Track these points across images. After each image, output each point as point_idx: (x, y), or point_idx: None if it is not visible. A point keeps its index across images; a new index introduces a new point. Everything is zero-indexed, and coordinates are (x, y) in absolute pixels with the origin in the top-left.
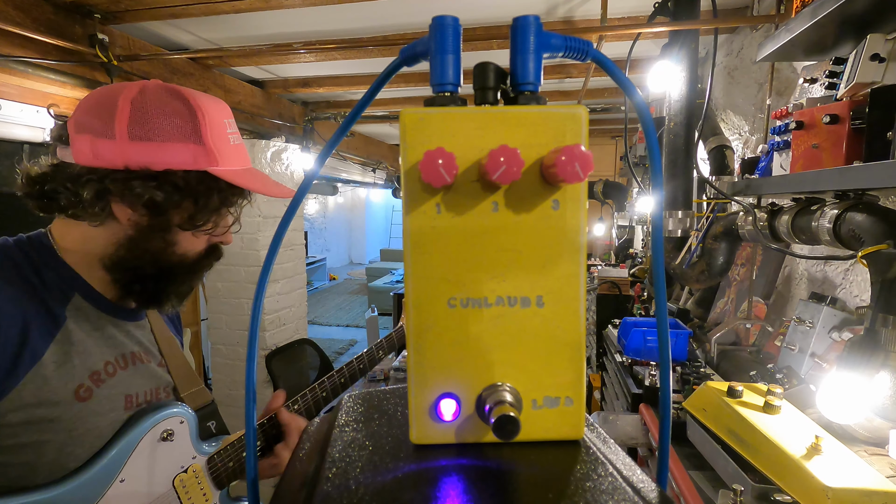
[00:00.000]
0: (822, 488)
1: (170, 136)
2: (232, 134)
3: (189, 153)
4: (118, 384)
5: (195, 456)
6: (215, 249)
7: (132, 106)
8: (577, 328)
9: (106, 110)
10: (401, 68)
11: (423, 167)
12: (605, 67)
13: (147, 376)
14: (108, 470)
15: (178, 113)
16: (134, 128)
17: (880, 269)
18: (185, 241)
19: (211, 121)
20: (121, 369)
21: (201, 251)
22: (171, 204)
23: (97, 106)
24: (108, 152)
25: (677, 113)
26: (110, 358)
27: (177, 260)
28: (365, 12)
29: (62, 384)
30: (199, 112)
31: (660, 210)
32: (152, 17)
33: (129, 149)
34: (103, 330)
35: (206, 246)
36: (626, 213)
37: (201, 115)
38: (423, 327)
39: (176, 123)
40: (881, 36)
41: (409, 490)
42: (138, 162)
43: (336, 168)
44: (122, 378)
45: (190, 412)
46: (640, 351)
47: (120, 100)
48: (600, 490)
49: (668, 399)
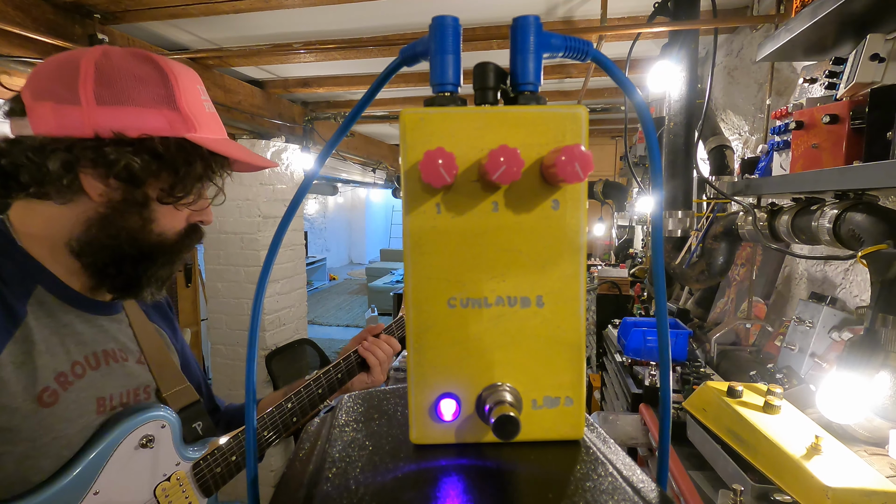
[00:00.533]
0: (821, 488)
1: (142, 101)
2: (206, 101)
3: (164, 119)
4: (89, 386)
5: (179, 462)
6: (195, 229)
7: (96, 69)
8: (577, 328)
9: (68, 74)
10: (401, 68)
11: (423, 167)
12: (604, 67)
13: (122, 376)
14: (80, 482)
15: (148, 77)
16: (101, 91)
17: (880, 269)
18: (164, 217)
19: (184, 86)
20: (91, 369)
21: (181, 230)
22: (148, 174)
23: (57, 71)
24: (73, 119)
25: (677, 113)
26: (79, 357)
27: (155, 240)
28: (365, 12)
29: (22, 388)
30: (171, 76)
31: (660, 210)
32: (152, 17)
33: (97, 114)
34: (71, 326)
35: (186, 225)
36: (626, 213)
37: (174, 79)
38: (423, 327)
39: (147, 87)
40: (881, 36)
41: (408, 490)
42: (110, 128)
43: (336, 168)
44: (94, 379)
45: (172, 415)
46: (640, 351)
47: (82, 63)
48: (600, 490)
49: (668, 399)
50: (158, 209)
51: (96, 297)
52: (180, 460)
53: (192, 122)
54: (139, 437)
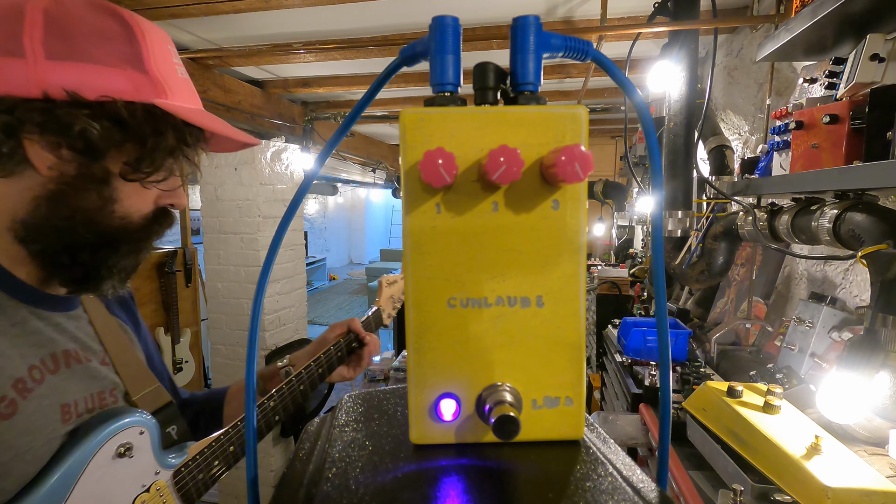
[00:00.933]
0: (821, 488)
1: (102, 58)
2: (178, 65)
3: (128, 81)
4: (50, 392)
5: (158, 471)
6: (165, 214)
7: (45, 16)
8: (576, 328)
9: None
10: (400, 68)
11: (423, 167)
12: (604, 67)
13: (86, 378)
14: (50, 499)
15: (110, 30)
16: (52, 43)
17: (880, 269)
18: (129, 197)
19: (153, 44)
20: (50, 373)
21: (148, 214)
22: (110, 143)
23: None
24: (16, 75)
25: (677, 113)
26: (35, 360)
27: (118, 223)
28: (365, 12)
29: None
30: (137, 31)
31: (660, 210)
32: (152, 17)
33: (46, 70)
34: (24, 325)
35: (154, 207)
36: (625, 213)
37: (141, 36)
38: (424, 327)
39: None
40: (881, 36)
41: (408, 490)
42: (62, 86)
43: (336, 168)
44: (55, 384)
45: (151, 420)
46: (640, 351)
47: (28, 8)
48: (600, 490)
49: (668, 399)
50: (121, 187)
51: (50, 291)
52: (160, 468)
53: (163, 87)
54: (116, 445)
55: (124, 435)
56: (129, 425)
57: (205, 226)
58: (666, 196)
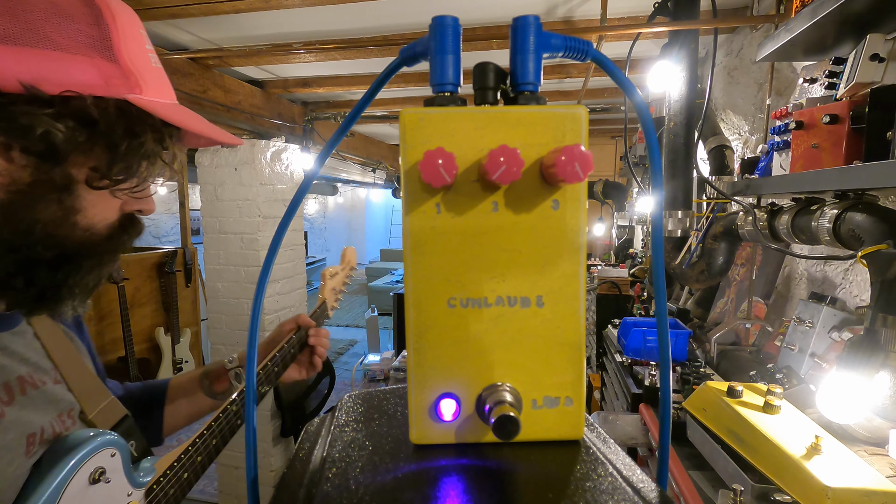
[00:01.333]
0: (821, 488)
1: (64, 44)
2: (150, 52)
3: (97, 72)
4: (12, 425)
5: (131, 492)
6: (133, 221)
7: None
8: (577, 328)
9: None
10: (400, 68)
11: (423, 167)
12: (604, 67)
13: (45, 403)
14: None
15: (72, 9)
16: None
17: (880, 269)
18: (94, 206)
19: (124, 28)
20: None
21: (113, 223)
22: (74, 146)
23: None
24: None
25: (677, 113)
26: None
27: (80, 236)
28: (365, 12)
29: None
30: (105, 10)
31: (660, 210)
32: (152, 17)
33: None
34: None
35: (120, 215)
36: (625, 213)
37: (110, 16)
38: (424, 327)
39: (72, 24)
40: (881, 36)
41: (408, 490)
42: (16, 78)
43: (336, 168)
44: (14, 416)
45: (119, 440)
46: (640, 351)
47: None
48: (600, 490)
49: (668, 399)
50: (86, 195)
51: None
52: (132, 489)
53: (136, 79)
54: (89, 472)
55: (96, 459)
56: (98, 448)
57: (205, 226)
58: (666, 196)
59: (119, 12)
